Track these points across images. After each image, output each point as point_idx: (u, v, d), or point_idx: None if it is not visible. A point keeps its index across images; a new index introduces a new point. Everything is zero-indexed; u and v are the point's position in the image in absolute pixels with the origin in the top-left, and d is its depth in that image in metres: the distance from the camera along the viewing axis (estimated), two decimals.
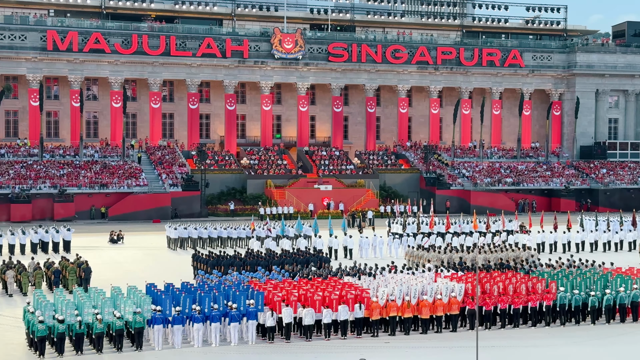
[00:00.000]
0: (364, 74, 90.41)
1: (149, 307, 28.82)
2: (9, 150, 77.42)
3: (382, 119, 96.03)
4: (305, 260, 40.99)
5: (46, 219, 67.86)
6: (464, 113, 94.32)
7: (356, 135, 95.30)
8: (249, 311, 29.17)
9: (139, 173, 76.10)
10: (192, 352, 28.15)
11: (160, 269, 43.68)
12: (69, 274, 38.39)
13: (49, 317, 27.52)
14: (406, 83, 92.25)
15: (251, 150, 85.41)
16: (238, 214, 75.33)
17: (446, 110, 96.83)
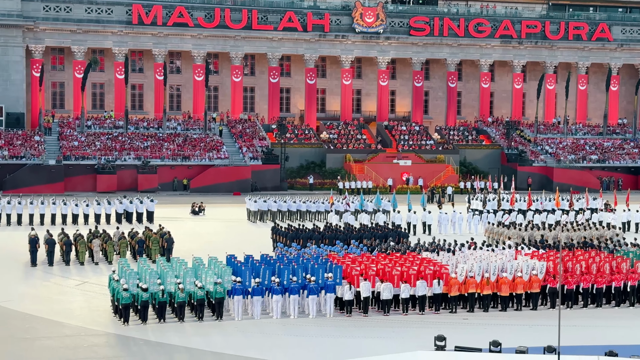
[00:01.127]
0: (446, 48, 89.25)
1: (229, 278, 29.27)
2: (96, 122, 79.38)
3: (463, 93, 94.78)
4: (384, 235, 40.95)
5: (130, 190, 69.47)
6: (548, 88, 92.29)
7: (436, 110, 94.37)
8: (327, 284, 29.34)
9: (220, 146, 77.11)
10: (271, 323, 28.50)
11: (240, 240, 44.29)
12: (152, 244, 39.28)
13: (133, 285, 28.24)
14: (489, 57, 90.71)
15: (331, 125, 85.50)
16: (317, 187, 75.66)
17: (530, 85, 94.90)
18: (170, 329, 27.28)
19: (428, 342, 25.03)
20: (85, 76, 77.57)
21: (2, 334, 26.42)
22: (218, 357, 24.50)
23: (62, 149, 73.02)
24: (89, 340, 25.92)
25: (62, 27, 79.81)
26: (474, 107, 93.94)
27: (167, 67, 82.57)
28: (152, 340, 26.14)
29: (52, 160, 70.55)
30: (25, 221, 49.67)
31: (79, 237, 39.08)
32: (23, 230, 44.86)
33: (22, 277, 35.65)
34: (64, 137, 75.47)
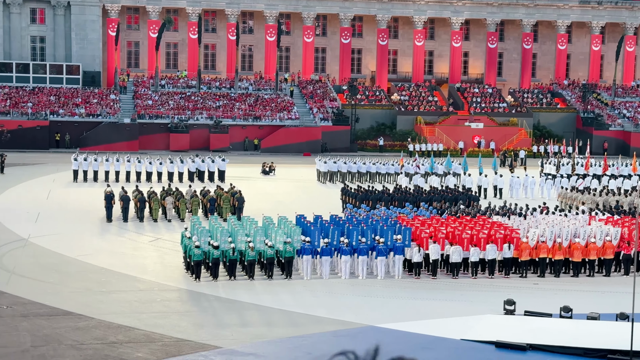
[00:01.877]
0: (522, 8, 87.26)
1: (299, 238, 29.52)
2: (169, 82, 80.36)
3: (538, 55, 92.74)
4: (454, 198, 40.65)
5: (202, 149, 70.37)
6: (628, 50, 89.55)
7: (510, 73, 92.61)
8: (396, 246, 29.35)
9: (291, 106, 77.32)
10: (340, 283, 28.70)
11: (309, 201, 44.54)
12: (223, 202, 39.81)
13: (204, 242, 28.73)
14: (566, 18, 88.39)
15: (402, 86, 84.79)
16: (387, 149, 75.38)
17: (608, 47, 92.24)
18: (240, 287, 27.72)
19: (497, 306, 24.88)
20: (160, 36, 78.43)
21: (79, 286, 27.24)
22: (287, 315, 24.81)
23: (136, 108, 74.27)
24: (161, 295, 26.53)
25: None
26: (549, 69, 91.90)
27: (239, 27, 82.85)
28: (222, 296, 26.62)
29: (127, 118, 71.85)
30: (101, 178, 50.84)
31: (152, 195, 39.85)
32: (99, 187, 45.98)
33: (98, 232, 36.61)
34: (139, 96, 76.69)
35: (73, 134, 69.92)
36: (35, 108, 71.44)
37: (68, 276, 28.54)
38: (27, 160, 59.35)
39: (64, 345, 21.27)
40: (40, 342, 21.50)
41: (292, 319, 24.38)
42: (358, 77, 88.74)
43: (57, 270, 29.36)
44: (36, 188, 47.75)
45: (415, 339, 22.72)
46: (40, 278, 28.12)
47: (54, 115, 71.00)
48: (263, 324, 23.96)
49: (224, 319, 24.24)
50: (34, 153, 64.85)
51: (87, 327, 22.81)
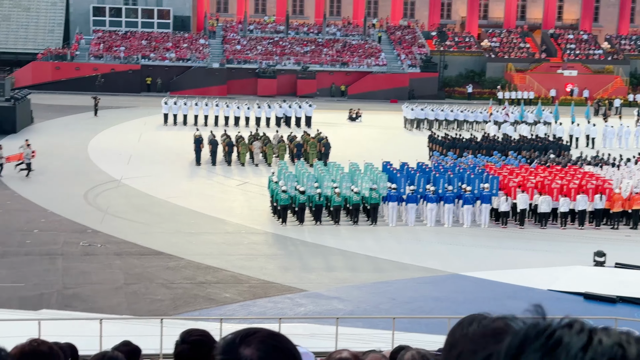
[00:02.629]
0: None
1: (385, 185, 29.48)
2: (257, 27, 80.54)
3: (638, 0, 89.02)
4: (544, 147, 39.82)
5: (289, 95, 70.60)
6: None
7: (607, 18, 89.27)
8: (483, 195, 29.02)
9: (378, 53, 76.60)
10: (425, 230, 28.62)
11: (396, 148, 44.30)
12: (310, 148, 39.98)
13: (291, 187, 28.99)
14: None
15: (493, 32, 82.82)
16: (475, 97, 74.09)
17: None
18: (326, 231, 27.95)
19: (587, 257, 24.44)
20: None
21: (170, 227, 27.94)
22: (371, 260, 24.95)
23: (225, 53, 74.83)
24: (249, 238, 27.00)
25: None
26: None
27: None
28: (308, 240, 26.91)
29: (215, 63, 72.52)
30: (190, 122, 51.65)
31: (240, 139, 40.32)
32: (188, 131, 46.75)
33: (188, 175, 37.34)
34: (227, 41, 77.18)
35: (163, 78, 71.08)
36: (127, 52, 72.77)
37: (158, 217, 29.29)
38: (119, 104, 60.76)
39: (155, 284, 21.94)
40: (132, 280, 22.22)
41: (377, 265, 24.50)
42: (447, 23, 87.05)
43: (148, 211, 30.16)
44: (128, 131, 48.90)
45: (501, 288, 22.56)
46: (132, 218, 28.95)
47: (145, 60, 72.22)
48: (348, 268, 24.16)
49: (310, 263, 24.54)
50: (126, 96, 66.29)
51: (177, 267, 23.44)
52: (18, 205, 30.09)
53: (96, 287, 21.65)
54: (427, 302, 20.87)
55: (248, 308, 20.36)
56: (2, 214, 28.62)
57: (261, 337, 2.15)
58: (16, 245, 25.03)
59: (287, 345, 2.18)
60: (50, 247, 24.98)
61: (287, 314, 19.41)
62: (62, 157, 40.05)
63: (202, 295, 21.14)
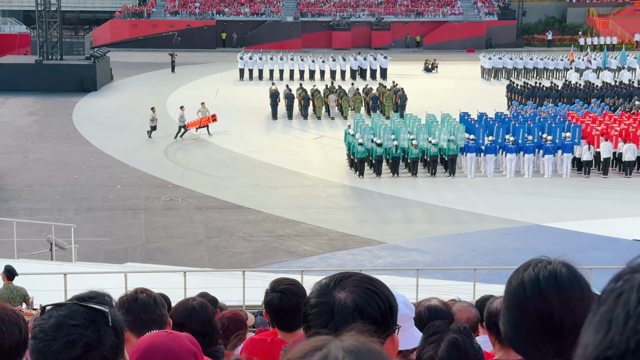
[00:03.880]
0: None
1: (463, 136, 29.10)
2: None
3: None
4: (629, 94, 38.61)
5: (364, 47, 70.01)
6: None
7: None
8: (565, 144, 28.38)
9: (454, 1, 75.11)
10: (504, 181, 28.22)
11: (473, 98, 43.59)
12: (385, 100, 39.68)
13: (367, 140, 28.87)
14: None
15: None
16: (556, 44, 72.11)
17: None
18: (404, 184, 27.82)
19: None
20: None
21: (248, 181, 28.23)
22: (450, 212, 24.75)
23: (299, 6, 74.49)
24: (326, 191, 27.07)
25: None
26: None
27: None
28: (386, 193, 26.84)
29: (289, 17, 72.32)
30: (266, 76, 51.80)
31: (316, 92, 40.26)
32: (264, 85, 46.91)
33: (264, 129, 37.55)
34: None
35: (238, 33, 71.31)
36: (202, 8, 73.16)
37: (237, 171, 29.61)
38: (196, 60, 61.29)
39: (235, 237, 22.25)
40: (213, 234, 22.59)
41: (456, 216, 24.30)
42: None
43: (226, 166, 30.50)
44: (205, 86, 49.35)
45: (584, 238, 22.14)
46: (211, 173, 29.34)
47: (220, 15, 72.51)
48: (426, 220, 24.04)
49: (388, 215, 24.49)
50: (202, 52, 66.81)
51: (256, 221, 23.70)
52: (100, 161, 30.80)
53: (178, 240, 22.09)
54: (508, 253, 20.62)
55: (327, 260, 20.49)
56: (86, 170, 29.35)
57: (355, 281, 2.17)
58: (100, 200, 25.68)
59: (382, 289, 2.19)
60: (133, 202, 25.54)
61: (367, 266, 19.46)
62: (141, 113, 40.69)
63: (282, 248, 21.36)
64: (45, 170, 29.24)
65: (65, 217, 23.21)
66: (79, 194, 26.21)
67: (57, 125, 37.58)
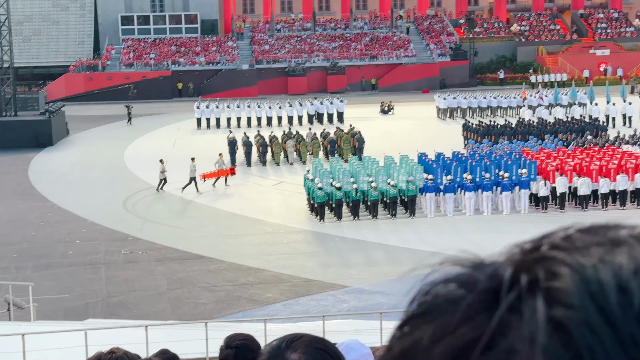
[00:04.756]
0: None
1: (421, 176, 29.34)
2: (285, 25, 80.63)
3: None
4: (581, 129, 39.35)
5: (320, 91, 70.57)
6: None
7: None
8: (521, 180, 28.75)
9: (407, 44, 76.25)
10: (464, 220, 28.44)
11: (430, 138, 44.07)
12: (343, 143, 39.93)
13: (327, 184, 28.97)
14: None
15: (522, 16, 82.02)
16: (508, 82, 73.43)
17: None
18: (365, 226, 27.89)
19: None
20: None
21: (209, 230, 28.07)
22: (413, 253, 24.83)
23: (254, 54, 75.03)
24: (288, 237, 27.03)
25: None
26: None
27: None
28: (347, 237, 26.87)
29: (245, 64, 72.75)
30: (223, 124, 51.84)
31: (273, 139, 40.38)
32: (221, 134, 46.93)
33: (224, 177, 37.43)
34: (256, 42, 77.38)
35: (194, 83, 71.47)
36: (158, 59, 73.30)
37: (198, 221, 29.45)
38: (152, 111, 61.21)
39: (197, 288, 22.06)
40: (175, 285, 22.37)
41: (418, 257, 24.37)
42: (475, 9, 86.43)
43: (187, 216, 30.34)
44: (162, 137, 49.24)
45: None
46: (172, 223, 29.15)
47: (176, 65, 72.69)
48: (389, 262, 24.08)
49: (350, 259, 24.50)
50: (158, 103, 66.79)
51: (218, 270, 23.54)
52: (58, 217, 30.44)
53: (140, 294, 21.82)
54: None
55: (291, 307, 20.38)
56: (44, 227, 28.98)
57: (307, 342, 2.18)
58: (59, 256, 25.32)
59: (333, 349, 2.21)
60: (93, 256, 25.23)
61: (330, 310, 19.40)
62: (99, 166, 40.45)
63: (245, 297, 21.21)
64: (2, 229, 28.81)
65: (23, 276, 22.83)
66: (37, 251, 25.84)
67: (13, 182, 37.14)
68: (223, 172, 34.94)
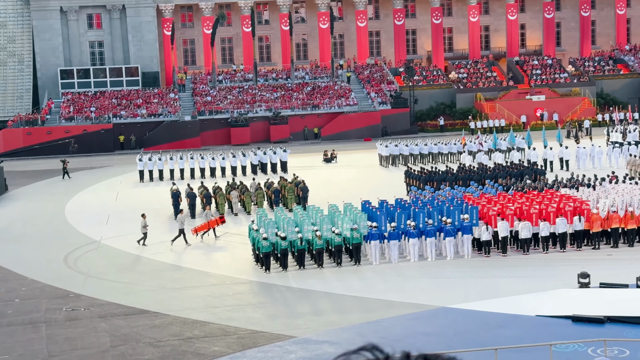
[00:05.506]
0: None
1: (365, 224, 29.49)
2: (226, 77, 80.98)
3: (597, 22, 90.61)
4: (520, 173, 40.10)
5: (263, 141, 70.79)
6: None
7: (569, 42, 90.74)
8: (464, 226, 29.10)
9: (348, 93, 77.18)
10: (409, 266, 28.60)
11: (373, 186, 44.45)
12: (287, 193, 40.00)
13: (272, 234, 28.92)
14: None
15: (459, 64, 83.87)
16: (448, 129, 74.72)
17: None
18: (311, 275, 27.84)
19: (571, 279, 24.49)
20: (214, 31, 79.04)
21: (153, 284, 27.70)
22: (358, 301, 24.84)
23: (196, 105, 75.06)
24: (233, 289, 26.82)
25: None
26: (610, 35, 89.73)
27: (292, 17, 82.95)
28: (293, 286, 26.77)
29: (187, 116, 72.69)
30: (166, 176, 51.55)
31: (217, 190, 40.26)
32: (165, 186, 46.65)
33: (168, 230, 37.13)
34: (197, 93, 77.49)
35: (136, 135, 71.06)
36: (98, 112, 72.81)
37: (141, 275, 29.06)
38: (94, 164, 60.57)
39: (142, 344, 21.68)
40: (119, 342, 21.95)
41: (364, 305, 24.40)
42: (414, 57, 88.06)
43: (130, 270, 29.92)
44: (104, 190, 48.71)
45: (490, 317, 22.53)
46: (115, 279, 28.70)
47: (117, 118, 72.27)
48: (335, 311, 24.03)
49: (297, 309, 24.39)
50: (100, 156, 66.15)
51: (163, 324, 23.20)
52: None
53: (82, 352, 21.36)
54: (418, 338, 20.77)
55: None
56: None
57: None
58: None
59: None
60: (33, 315, 24.66)
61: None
62: (39, 222, 39.75)
63: (191, 351, 20.91)
64: None
65: None
66: None
67: None
68: (213, 222, 34.61)
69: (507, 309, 22.96)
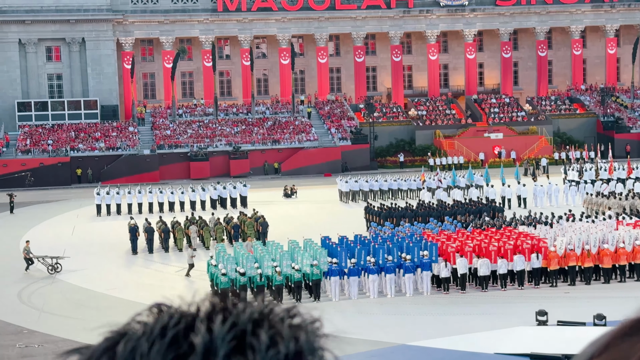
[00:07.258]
0: (534, 16, 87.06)
1: (325, 260, 29.41)
2: (186, 111, 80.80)
3: (554, 62, 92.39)
4: (478, 211, 40.42)
5: (223, 176, 70.52)
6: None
7: (526, 81, 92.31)
8: (423, 262, 29.17)
9: (309, 128, 77.43)
10: (368, 302, 28.54)
11: (333, 222, 44.41)
12: (247, 228, 39.79)
13: (231, 270, 28.70)
14: (580, 23, 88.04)
15: (419, 101, 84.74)
16: (407, 165, 75.22)
17: (624, 50, 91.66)
18: None
19: (529, 317, 24.60)
20: (175, 66, 78.98)
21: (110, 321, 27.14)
22: None
23: (155, 139, 74.66)
24: None
25: (150, 19, 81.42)
26: (566, 75, 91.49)
27: (253, 52, 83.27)
28: None
29: (146, 150, 72.23)
30: (124, 211, 51.02)
31: (176, 224, 39.92)
32: (122, 220, 46.14)
33: (125, 265, 36.69)
34: (157, 127, 77.14)
35: (94, 169, 70.36)
36: (56, 145, 72.04)
37: (98, 311, 28.56)
38: (50, 197, 59.76)
39: None
40: None
41: None
42: (374, 94, 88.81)
43: (86, 306, 29.40)
44: (60, 224, 48.00)
45: (448, 355, 22.51)
46: (70, 315, 28.17)
47: (75, 151, 71.55)
48: None
49: None
50: (57, 189, 65.30)
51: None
52: None
53: None
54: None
55: None
56: None
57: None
58: None
59: None
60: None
61: None
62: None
63: None
64: None
65: None
66: None
67: None
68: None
69: (465, 346, 22.97)
